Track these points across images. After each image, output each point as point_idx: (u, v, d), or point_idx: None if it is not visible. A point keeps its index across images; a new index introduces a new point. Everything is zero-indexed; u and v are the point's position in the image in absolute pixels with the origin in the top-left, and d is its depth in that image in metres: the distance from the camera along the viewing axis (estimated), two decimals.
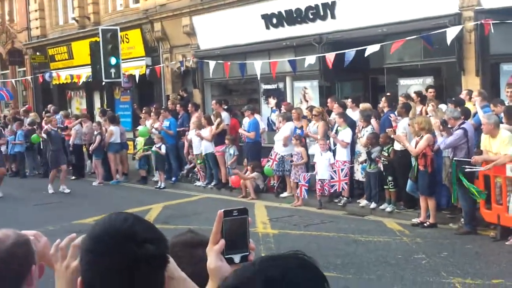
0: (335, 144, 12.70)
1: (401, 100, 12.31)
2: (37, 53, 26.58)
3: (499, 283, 7.50)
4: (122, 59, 18.96)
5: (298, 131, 13.42)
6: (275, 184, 14.04)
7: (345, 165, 12.21)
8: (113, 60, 18.24)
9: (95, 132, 17.55)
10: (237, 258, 1.70)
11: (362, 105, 13.35)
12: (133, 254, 1.64)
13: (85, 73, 21.82)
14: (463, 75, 13.02)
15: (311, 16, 15.64)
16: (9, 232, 2.18)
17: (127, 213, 1.76)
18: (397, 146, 11.37)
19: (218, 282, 1.60)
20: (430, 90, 12.45)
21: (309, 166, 13.10)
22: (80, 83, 23.11)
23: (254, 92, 18.28)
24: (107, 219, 1.72)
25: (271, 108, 16.04)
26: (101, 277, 1.66)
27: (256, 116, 15.01)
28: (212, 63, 17.36)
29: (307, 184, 12.67)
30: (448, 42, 12.37)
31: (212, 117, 15.41)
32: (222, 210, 1.70)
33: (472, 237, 9.68)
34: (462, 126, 10.07)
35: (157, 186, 16.17)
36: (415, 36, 13.01)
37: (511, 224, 9.23)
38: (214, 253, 1.68)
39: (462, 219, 10.09)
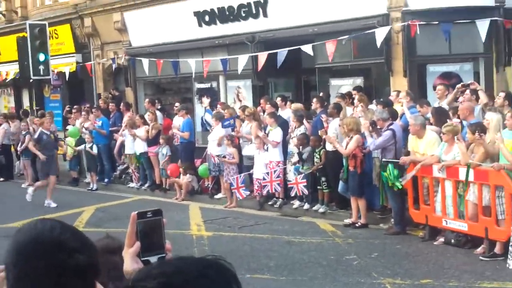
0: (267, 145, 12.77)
1: (336, 100, 12.49)
2: None
3: (428, 283, 7.75)
4: (51, 56, 18.53)
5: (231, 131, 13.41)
6: (209, 185, 14.01)
7: (278, 166, 12.29)
8: (41, 57, 17.79)
9: (23, 132, 16.99)
10: (153, 259, 1.67)
11: (294, 105, 13.44)
12: (63, 264, 1.56)
13: (12, 69, 21.09)
14: (391, 76, 13.33)
15: (243, 14, 15.63)
16: None
17: (53, 220, 1.67)
18: (329, 147, 11.52)
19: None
20: (354, 91, 12.67)
21: (243, 167, 13.10)
22: (8, 80, 22.33)
23: (188, 91, 18.14)
24: (33, 227, 1.63)
25: (205, 107, 15.96)
26: (26, 286, 1.57)
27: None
28: (145, 61, 17.12)
29: (243, 185, 12.68)
30: (378, 43, 12.62)
31: (146, 116, 15.18)
32: (136, 212, 1.68)
33: (402, 237, 9.94)
34: (391, 127, 10.30)
35: (89, 188, 15.84)
36: (346, 37, 13.21)
37: (438, 224, 9.51)
38: (130, 255, 1.66)
39: (392, 220, 10.34)
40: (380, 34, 12.65)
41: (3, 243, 1.83)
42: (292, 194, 11.93)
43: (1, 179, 17.85)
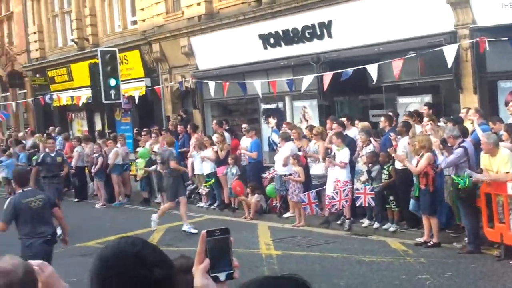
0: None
1: (404, 118, 12.42)
2: (37, 75, 26.69)
3: None
4: (122, 80, 19.08)
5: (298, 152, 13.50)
6: (277, 204, 14.11)
7: (346, 185, 12.26)
8: (112, 82, 18.38)
9: (96, 154, 17.63)
10: (222, 276, 1.77)
11: (361, 124, 13.45)
12: (143, 278, 1.70)
13: (85, 94, 21.94)
14: (461, 93, 13.13)
15: (308, 36, 15.79)
16: (16, 261, 2.28)
17: (135, 237, 1.83)
18: (398, 165, 11.44)
19: None
20: (424, 107, 12.57)
21: (311, 186, 13.13)
22: (80, 105, 23.22)
23: (254, 112, 18.40)
24: (116, 243, 1.78)
25: (271, 127, 16.14)
26: None
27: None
28: (211, 83, 17.48)
29: (315, 200, 12.72)
30: (449, 62, 12.33)
31: (214, 137, 15.48)
32: (205, 230, 1.77)
33: (476, 257, 9.72)
34: (462, 144, 10.17)
35: (160, 208, 16.19)
36: (414, 54, 13.13)
37: None
38: (200, 272, 1.72)
39: (466, 238, 10.14)
40: (449, 51, 12.48)
41: (80, 261, 2.04)
42: (358, 203, 11.88)
43: (76, 199, 18.48)
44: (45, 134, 21.10)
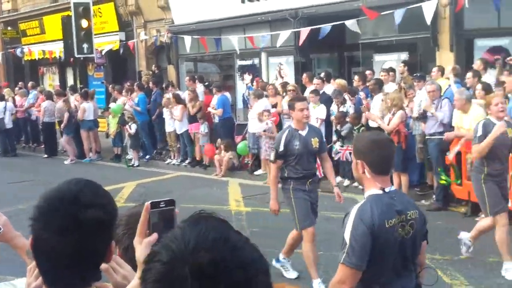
0: None
1: (381, 75, 12.22)
2: (8, 28, 26.00)
3: (467, 259, 7.51)
4: (95, 34, 18.60)
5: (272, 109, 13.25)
6: (249, 162, 13.93)
7: None
8: (85, 35, 17.88)
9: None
10: None
11: (338, 81, 13.20)
12: (75, 217, 1.69)
13: (57, 48, 21.40)
14: (437, 51, 12.91)
15: None
16: None
17: (82, 178, 1.81)
18: (372, 123, 11.27)
19: None
20: (400, 65, 12.37)
21: None
22: (52, 59, 22.71)
23: (230, 68, 18.05)
24: (61, 183, 1.80)
25: (246, 84, 15.84)
26: (47, 237, 1.71)
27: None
28: (187, 38, 17.06)
29: None
30: (427, 19, 12.06)
31: (187, 94, 15.14)
32: (149, 202, 1.72)
33: (443, 214, 9.68)
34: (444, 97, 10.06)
35: (131, 164, 15.97)
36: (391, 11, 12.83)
37: None
38: (145, 245, 1.68)
39: (434, 196, 10.07)
40: (428, 8, 12.18)
41: None
42: (336, 157, 11.74)
43: (45, 155, 18.13)
44: (16, 88, 20.63)
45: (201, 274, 1.19)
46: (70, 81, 23.33)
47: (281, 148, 6.64)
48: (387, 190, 3.29)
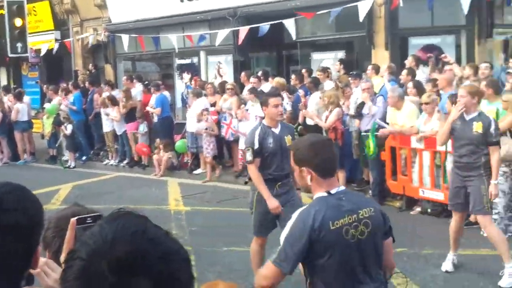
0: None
1: (318, 75, 12.32)
2: None
3: (403, 251, 7.63)
4: (30, 33, 18.08)
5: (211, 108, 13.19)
6: (188, 161, 13.82)
7: None
8: (19, 34, 17.36)
9: None
10: None
11: (276, 80, 13.23)
12: None
13: None
14: (373, 49, 13.15)
15: None
16: None
17: (9, 182, 1.74)
18: (310, 121, 11.36)
19: None
20: (337, 63, 12.54)
21: (224, 142, 12.88)
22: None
23: (169, 67, 17.87)
24: None
25: (185, 83, 15.71)
26: None
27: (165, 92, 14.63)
28: (124, 37, 16.79)
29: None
30: (361, 17, 12.32)
31: (121, 93, 14.89)
32: (75, 218, 1.69)
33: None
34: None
35: (67, 166, 15.58)
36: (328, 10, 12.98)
37: (415, 194, 9.43)
38: None
39: (370, 191, 10.24)
40: (363, 7, 12.39)
41: None
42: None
43: None
44: None
45: (120, 268, 1.16)
46: (3, 81, 22.60)
47: (256, 145, 6.09)
48: (333, 191, 3.18)
